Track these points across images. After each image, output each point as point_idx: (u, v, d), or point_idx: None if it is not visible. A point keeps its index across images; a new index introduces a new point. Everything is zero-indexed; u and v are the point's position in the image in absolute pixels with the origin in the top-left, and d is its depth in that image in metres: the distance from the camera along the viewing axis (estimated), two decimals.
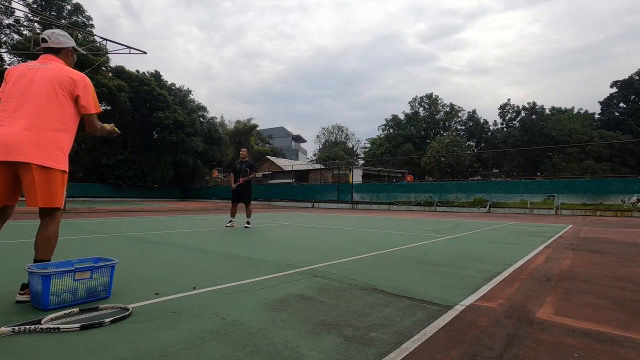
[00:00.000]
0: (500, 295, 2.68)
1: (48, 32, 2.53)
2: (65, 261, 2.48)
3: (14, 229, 6.88)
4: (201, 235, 6.34)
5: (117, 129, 2.91)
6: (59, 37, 2.54)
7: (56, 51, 2.53)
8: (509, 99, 55.51)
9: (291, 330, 1.88)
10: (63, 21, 28.98)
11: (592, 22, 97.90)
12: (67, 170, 2.42)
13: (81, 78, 2.47)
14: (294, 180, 36.89)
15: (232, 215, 8.18)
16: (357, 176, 31.77)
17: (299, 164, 49.78)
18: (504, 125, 54.73)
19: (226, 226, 7.94)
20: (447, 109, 59.81)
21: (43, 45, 2.51)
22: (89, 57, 25.19)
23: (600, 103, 52.77)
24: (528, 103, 52.65)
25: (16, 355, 1.57)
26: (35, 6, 30.01)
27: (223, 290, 2.64)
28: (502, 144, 48.68)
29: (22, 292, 2.30)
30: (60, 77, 2.38)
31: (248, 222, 7.96)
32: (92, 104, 2.49)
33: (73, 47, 2.61)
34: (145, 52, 17.64)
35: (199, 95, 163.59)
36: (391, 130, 59.01)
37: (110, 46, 17.15)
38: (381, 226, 8.99)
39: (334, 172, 35.05)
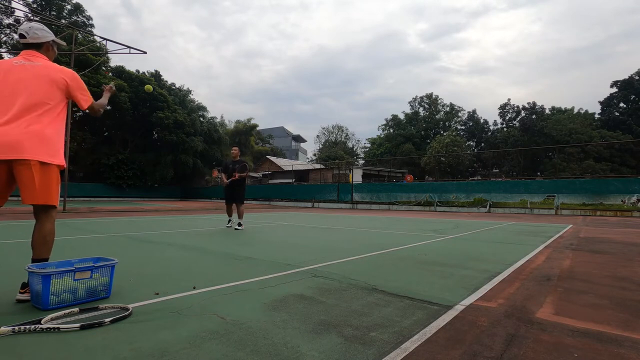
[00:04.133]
0: (500, 295, 2.68)
1: (25, 26, 2.44)
2: (65, 261, 2.47)
3: (14, 229, 6.88)
4: (201, 235, 6.34)
5: (111, 86, 3.00)
6: (37, 31, 2.44)
7: (37, 46, 2.45)
8: (509, 99, 55.55)
9: (291, 330, 1.88)
10: (63, 21, 28.97)
11: (594, 21, 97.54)
12: (64, 166, 2.41)
13: (72, 76, 2.45)
14: (294, 180, 36.89)
15: (230, 215, 8.06)
16: (357, 176, 31.77)
17: (299, 164, 49.78)
18: (504, 125, 54.71)
19: (227, 227, 7.79)
20: (447, 108, 59.83)
21: (22, 41, 2.43)
22: (89, 56, 25.21)
23: (600, 103, 52.73)
24: (528, 103, 52.74)
25: (16, 355, 1.57)
26: (35, 6, 30.01)
27: (223, 290, 2.64)
28: (502, 144, 48.68)
29: (22, 292, 2.30)
30: (52, 75, 2.35)
31: (240, 224, 7.49)
32: (89, 97, 2.51)
33: (53, 41, 2.54)
34: (145, 52, 17.61)
35: (199, 95, 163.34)
36: (391, 130, 59.03)
37: (110, 46, 17.11)
38: (381, 226, 8.99)
39: (334, 172, 35.05)
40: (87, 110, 2.60)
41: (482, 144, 55.32)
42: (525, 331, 1.95)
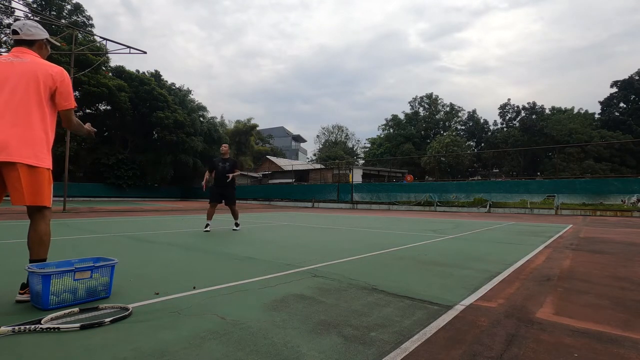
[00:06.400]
0: (500, 295, 2.68)
1: (19, 23, 2.40)
2: (65, 261, 2.48)
3: (13, 229, 6.88)
4: (201, 235, 6.34)
5: (93, 129, 2.77)
6: (31, 28, 2.40)
7: (29, 43, 2.40)
8: (509, 99, 55.58)
9: (291, 330, 1.88)
10: (63, 21, 28.97)
11: (595, 20, 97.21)
12: (51, 168, 2.36)
13: (59, 72, 2.36)
14: (294, 180, 36.88)
15: (210, 218, 7.11)
16: (357, 176, 31.78)
17: (299, 164, 49.80)
18: (504, 125, 54.73)
19: (205, 231, 6.79)
20: (447, 108, 59.83)
21: (14, 37, 2.38)
22: (89, 56, 25.21)
23: (600, 103, 52.69)
24: (528, 103, 52.80)
25: (16, 355, 1.57)
26: (35, 6, 30.00)
27: (223, 290, 2.64)
28: (502, 144, 48.66)
29: (22, 292, 2.30)
30: (38, 72, 2.27)
31: (237, 224, 7.36)
32: (71, 99, 2.40)
33: (47, 39, 2.49)
34: (145, 52, 17.61)
35: (199, 95, 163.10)
36: (391, 130, 59.03)
37: (110, 46, 17.11)
38: (381, 226, 8.99)
39: (334, 172, 35.04)
40: (62, 116, 2.42)
41: (482, 144, 55.32)
42: (525, 331, 1.95)
